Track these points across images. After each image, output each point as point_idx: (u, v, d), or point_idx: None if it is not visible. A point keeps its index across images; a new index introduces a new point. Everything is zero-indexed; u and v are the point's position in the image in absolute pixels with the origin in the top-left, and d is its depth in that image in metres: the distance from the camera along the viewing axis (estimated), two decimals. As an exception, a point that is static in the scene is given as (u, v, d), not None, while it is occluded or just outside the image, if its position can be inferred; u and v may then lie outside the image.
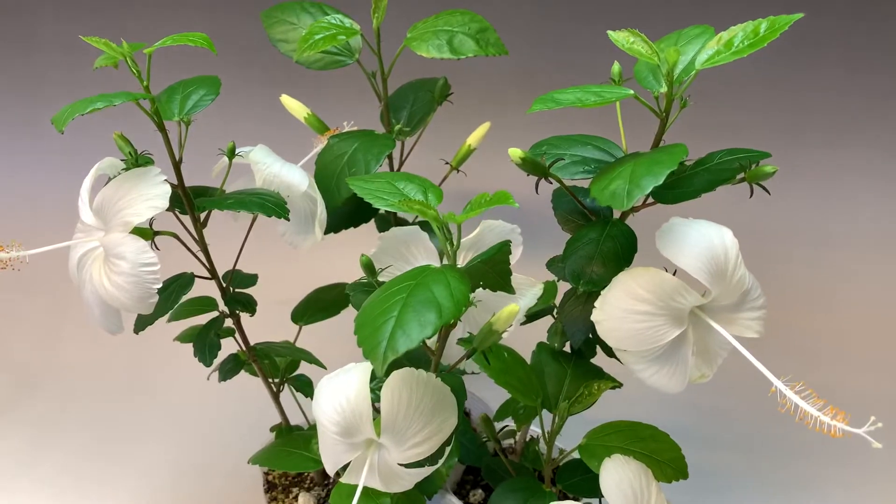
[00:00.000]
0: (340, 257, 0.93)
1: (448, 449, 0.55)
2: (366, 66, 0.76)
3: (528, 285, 0.71)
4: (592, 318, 0.53)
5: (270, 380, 0.80)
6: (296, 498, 0.83)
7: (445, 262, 0.53)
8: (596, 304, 0.53)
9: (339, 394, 0.53)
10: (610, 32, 0.54)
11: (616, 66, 0.62)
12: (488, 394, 0.91)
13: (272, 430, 0.82)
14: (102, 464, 1.02)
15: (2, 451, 1.03)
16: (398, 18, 0.76)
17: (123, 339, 1.19)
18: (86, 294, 0.61)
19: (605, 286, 0.53)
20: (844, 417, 0.47)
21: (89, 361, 1.17)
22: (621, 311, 0.52)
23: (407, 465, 0.54)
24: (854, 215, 1.25)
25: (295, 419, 0.84)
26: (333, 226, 0.77)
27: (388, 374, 0.52)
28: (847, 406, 0.49)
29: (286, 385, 0.80)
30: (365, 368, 0.53)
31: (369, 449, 0.55)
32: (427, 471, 0.55)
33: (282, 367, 0.78)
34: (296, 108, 0.79)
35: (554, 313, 0.72)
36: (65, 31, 1.28)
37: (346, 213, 0.79)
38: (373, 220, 0.81)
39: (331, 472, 0.57)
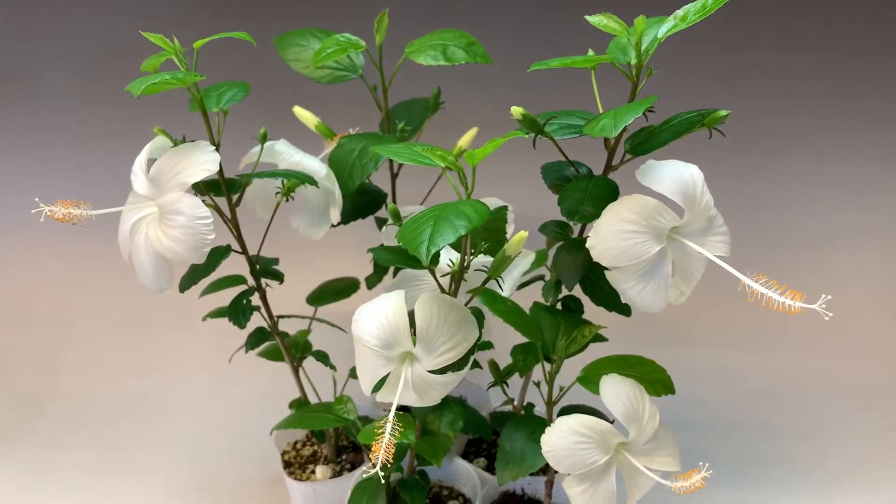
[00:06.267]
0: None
1: (472, 358, 0.64)
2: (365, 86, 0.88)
3: (521, 256, 0.81)
4: (588, 244, 0.63)
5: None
6: (313, 472, 0.88)
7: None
8: (590, 233, 0.63)
9: (379, 313, 0.62)
10: (587, 17, 0.67)
11: (590, 53, 0.74)
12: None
13: (291, 405, 0.88)
14: (111, 479, 1.05)
15: (5, 476, 1.06)
16: (392, 45, 0.89)
17: (126, 367, 1.25)
18: (139, 255, 0.69)
19: (594, 220, 0.64)
20: (802, 297, 0.58)
21: (92, 389, 1.22)
22: (612, 232, 0.62)
23: (436, 373, 0.62)
24: (797, 219, 1.39)
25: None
26: (344, 218, 0.86)
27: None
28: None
29: (302, 365, 0.87)
30: (398, 293, 0.62)
31: (403, 363, 0.63)
32: (455, 379, 0.63)
33: (301, 344, 0.86)
34: (307, 117, 0.89)
35: (545, 278, 0.81)
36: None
37: (355, 207, 0.89)
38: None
39: (367, 389, 0.64)
